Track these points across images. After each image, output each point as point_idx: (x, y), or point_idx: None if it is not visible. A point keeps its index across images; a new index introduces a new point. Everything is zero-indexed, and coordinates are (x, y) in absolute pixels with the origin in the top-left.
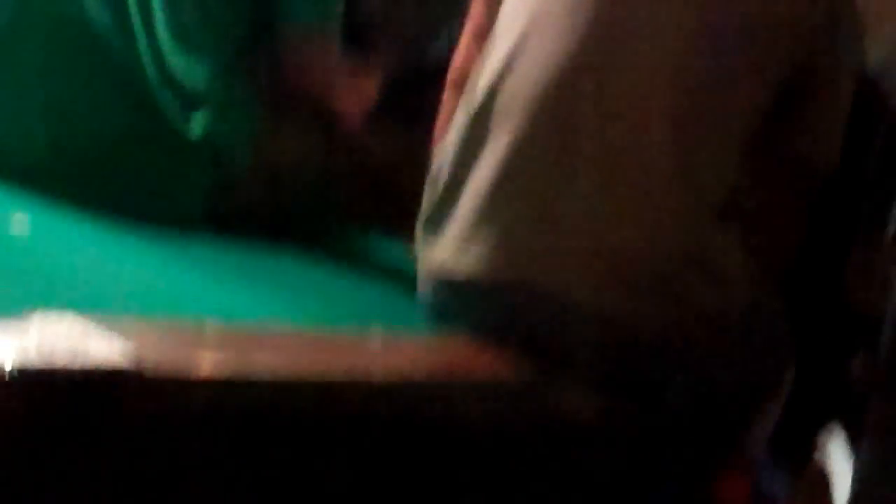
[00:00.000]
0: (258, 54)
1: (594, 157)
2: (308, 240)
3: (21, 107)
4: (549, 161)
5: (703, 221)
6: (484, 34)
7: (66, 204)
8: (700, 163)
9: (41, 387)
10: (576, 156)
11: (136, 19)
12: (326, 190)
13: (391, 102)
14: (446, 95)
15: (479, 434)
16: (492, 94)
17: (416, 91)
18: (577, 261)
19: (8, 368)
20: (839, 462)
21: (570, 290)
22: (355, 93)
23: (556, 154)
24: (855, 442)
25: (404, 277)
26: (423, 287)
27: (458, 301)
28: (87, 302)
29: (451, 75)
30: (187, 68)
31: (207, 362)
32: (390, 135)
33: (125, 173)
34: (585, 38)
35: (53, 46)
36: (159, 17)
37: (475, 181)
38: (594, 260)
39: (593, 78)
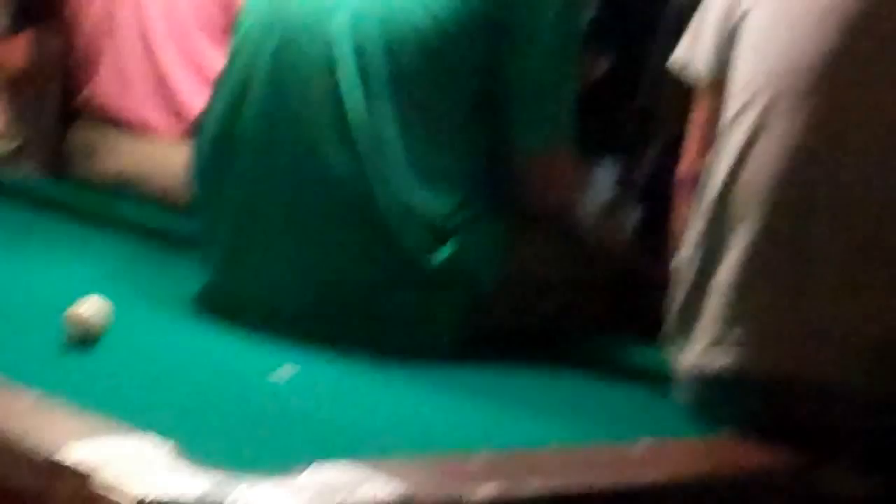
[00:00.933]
0: (497, 177)
1: (836, 244)
2: (559, 355)
3: (269, 261)
4: (793, 251)
5: None
6: (708, 133)
7: (323, 351)
8: None
9: None
10: (819, 243)
11: (368, 162)
12: (574, 302)
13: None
14: (678, 196)
15: None
16: (727, 189)
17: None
18: (833, 348)
19: None
20: None
21: (829, 378)
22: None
23: (799, 243)
24: None
25: (662, 382)
26: (681, 389)
27: (717, 399)
28: (355, 446)
29: (680, 175)
30: (429, 204)
31: (478, 492)
32: (630, 242)
33: (377, 313)
34: (816, 126)
35: (300, 196)
36: (398, 160)
37: (720, 277)
38: (852, 345)
39: (827, 164)
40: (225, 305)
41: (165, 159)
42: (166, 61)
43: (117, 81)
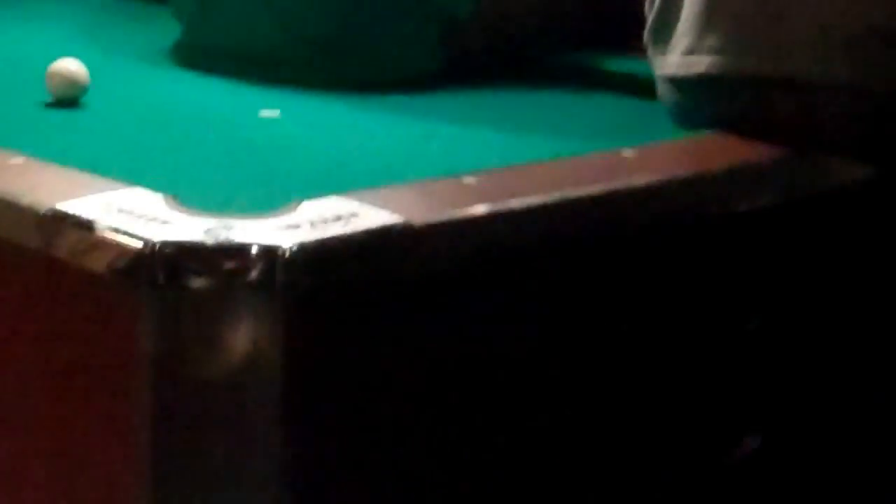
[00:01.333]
0: None
1: None
2: (540, 74)
3: (241, 6)
4: None
5: None
6: None
7: (305, 87)
8: None
9: (321, 262)
10: None
11: None
12: (551, 21)
13: None
14: None
15: (750, 220)
16: None
17: None
18: (814, 43)
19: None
20: None
21: (811, 74)
22: None
23: None
24: None
25: (644, 91)
26: (663, 96)
27: (699, 103)
28: (346, 180)
29: None
30: None
31: (473, 211)
32: None
33: (357, 45)
34: None
35: None
36: None
37: None
38: (833, 39)
39: None
40: (200, 56)
41: None
42: None
43: None
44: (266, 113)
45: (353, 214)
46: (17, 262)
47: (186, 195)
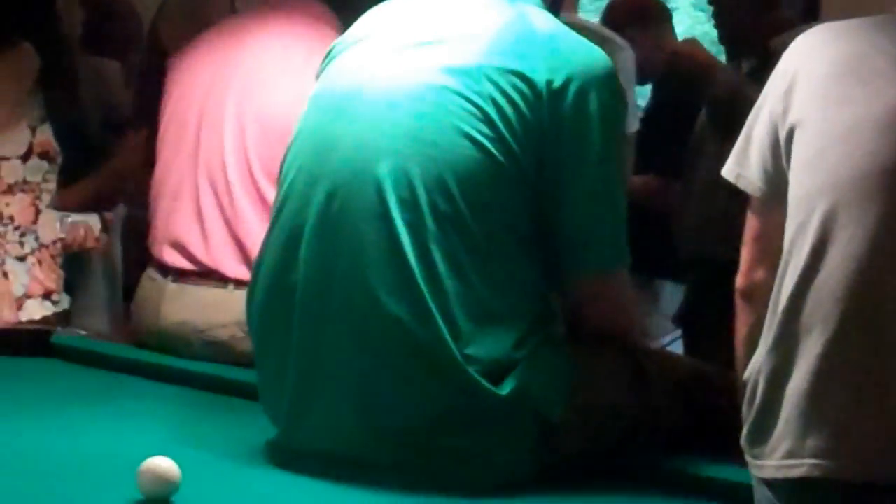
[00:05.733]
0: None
1: None
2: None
3: (333, 409)
4: (867, 354)
5: None
6: (764, 246)
7: (395, 489)
8: None
9: None
10: (893, 346)
11: (432, 307)
12: (644, 422)
13: None
14: (739, 306)
15: None
16: (797, 299)
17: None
18: None
19: None
20: None
21: None
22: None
23: (873, 347)
24: None
25: (740, 496)
26: (759, 501)
27: None
28: None
29: (740, 285)
30: (489, 346)
31: None
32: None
33: (450, 449)
34: (882, 231)
35: (356, 339)
36: (456, 304)
37: (793, 386)
38: None
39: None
40: (292, 456)
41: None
42: (242, 211)
43: (191, 231)
44: None
45: None
46: None
47: None
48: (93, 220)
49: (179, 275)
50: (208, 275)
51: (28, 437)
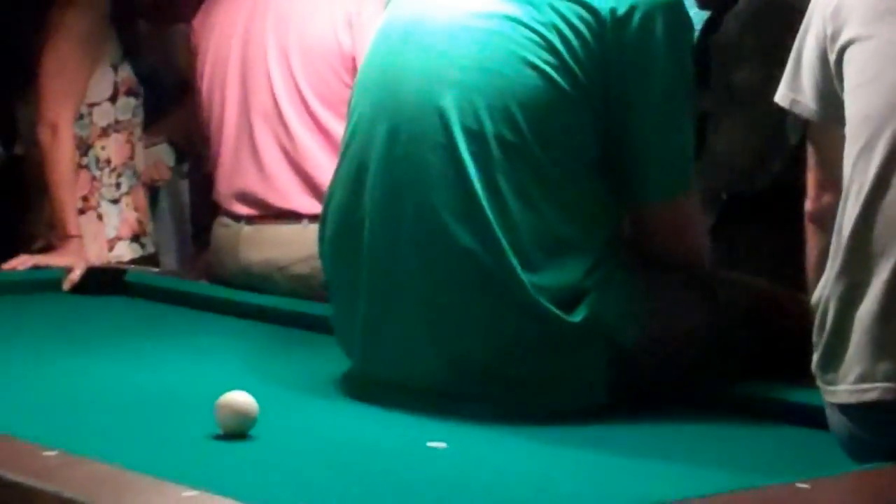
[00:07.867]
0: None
1: None
2: (705, 402)
3: (406, 340)
4: None
5: None
6: (827, 170)
7: (471, 419)
8: None
9: None
10: None
11: (501, 237)
12: (716, 348)
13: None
14: (809, 230)
15: None
16: (864, 223)
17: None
18: None
19: None
20: None
21: None
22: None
23: None
24: None
25: (813, 420)
26: (833, 425)
27: (871, 433)
28: None
29: (809, 209)
30: (559, 274)
31: None
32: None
33: (523, 377)
34: None
35: (425, 271)
36: (525, 233)
37: (863, 310)
38: None
39: None
40: (368, 388)
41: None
42: (302, 144)
43: (255, 180)
44: (433, 444)
45: None
46: None
47: None
48: (164, 152)
49: (252, 219)
50: (280, 215)
51: (107, 372)
